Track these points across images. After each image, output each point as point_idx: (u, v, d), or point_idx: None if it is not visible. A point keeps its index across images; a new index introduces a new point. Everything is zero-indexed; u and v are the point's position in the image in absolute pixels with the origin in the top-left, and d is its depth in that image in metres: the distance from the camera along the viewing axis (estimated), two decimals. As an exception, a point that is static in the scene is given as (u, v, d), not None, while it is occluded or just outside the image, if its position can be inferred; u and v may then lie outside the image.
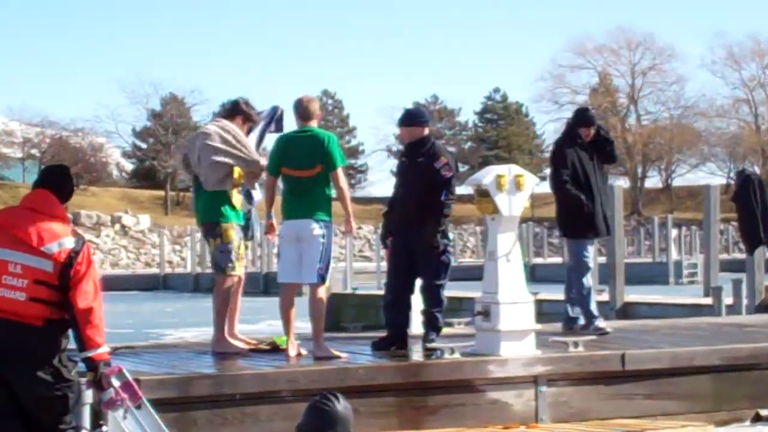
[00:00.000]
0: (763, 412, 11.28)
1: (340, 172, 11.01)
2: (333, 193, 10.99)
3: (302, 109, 11.16)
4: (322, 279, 10.92)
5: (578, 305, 13.30)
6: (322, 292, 11.05)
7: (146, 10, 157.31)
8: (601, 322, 13.06)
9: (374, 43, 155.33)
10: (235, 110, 11.79)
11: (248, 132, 11.77)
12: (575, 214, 13.12)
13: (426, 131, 11.93)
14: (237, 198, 11.41)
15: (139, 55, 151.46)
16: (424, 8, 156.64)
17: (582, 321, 13.16)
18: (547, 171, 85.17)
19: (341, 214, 11.18)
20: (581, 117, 13.63)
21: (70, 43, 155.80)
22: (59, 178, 8.11)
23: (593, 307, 13.21)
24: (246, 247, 11.93)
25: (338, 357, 10.69)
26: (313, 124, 11.19)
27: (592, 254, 13.44)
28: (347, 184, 11.34)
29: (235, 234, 11.29)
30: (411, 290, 11.89)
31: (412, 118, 12.24)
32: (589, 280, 13.32)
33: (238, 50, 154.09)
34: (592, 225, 13.07)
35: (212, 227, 11.37)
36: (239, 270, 11.45)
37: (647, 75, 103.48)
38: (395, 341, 11.70)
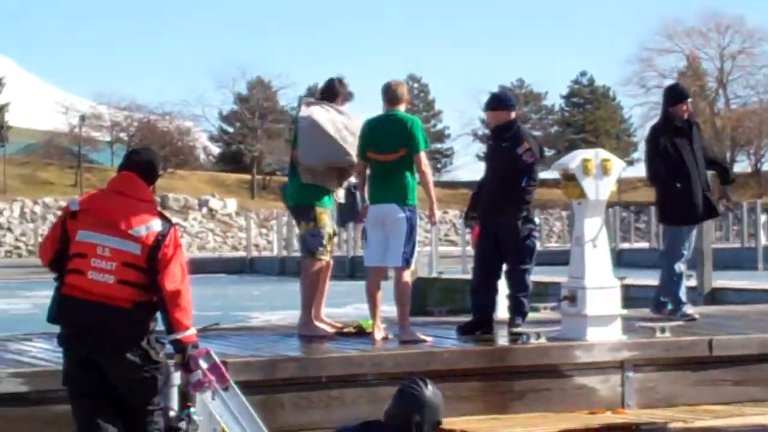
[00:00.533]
0: None
1: (423, 155, 11.01)
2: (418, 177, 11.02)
3: (390, 94, 11.20)
4: (407, 263, 10.94)
5: (668, 291, 13.20)
6: (407, 276, 11.09)
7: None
8: (689, 308, 12.96)
9: (460, 26, 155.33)
10: (334, 91, 11.84)
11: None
12: (671, 201, 13.03)
13: (512, 115, 11.88)
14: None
15: (227, 39, 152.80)
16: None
17: (671, 306, 13.06)
18: (635, 155, 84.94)
19: (426, 198, 11.20)
20: (672, 94, 13.50)
21: (159, 28, 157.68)
22: (146, 160, 8.14)
23: (682, 293, 13.10)
24: (335, 233, 11.96)
25: (424, 341, 10.71)
26: (401, 108, 11.22)
27: (690, 241, 13.26)
28: (430, 169, 11.34)
29: (328, 219, 11.35)
30: (497, 275, 11.87)
31: (498, 102, 12.24)
32: (680, 266, 13.20)
33: (324, 34, 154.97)
34: (689, 211, 12.93)
35: (306, 211, 11.43)
36: (328, 255, 11.51)
37: (737, 59, 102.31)
38: (481, 325, 11.69)
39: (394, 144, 10.93)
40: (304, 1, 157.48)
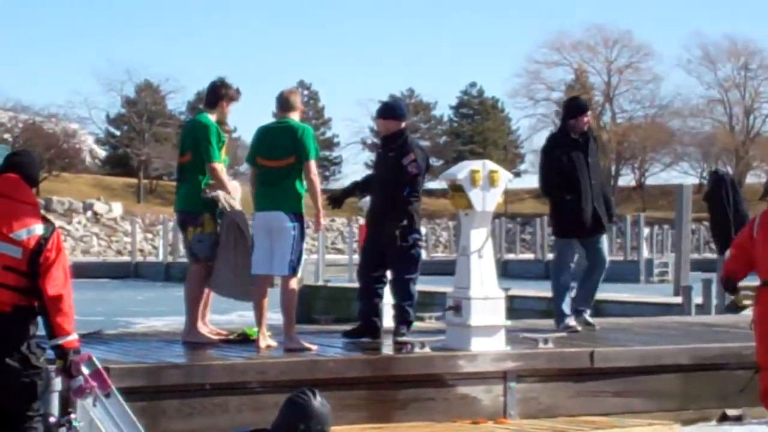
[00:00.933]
0: (730, 412, 11.34)
1: (312, 164, 11.00)
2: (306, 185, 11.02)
3: (282, 101, 11.22)
4: (294, 271, 10.93)
5: (553, 302, 13.33)
6: (294, 284, 11.09)
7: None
8: (571, 321, 13.06)
9: (351, 35, 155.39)
10: (218, 95, 11.70)
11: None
12: (560, 213, 13.14)
13: (402, 125, 11.91)
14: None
15: (114, 42, 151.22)
16: (402, 1, 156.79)
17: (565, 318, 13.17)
18: (522, 167, 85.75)
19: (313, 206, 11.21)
20: (573, 106, 13.61)
21: (44, 28, 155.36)
22: (28, 162, 8.05)
23: (565, 305, 13.22)
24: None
25: (308, 349, 10.70)
26: (293, 116, 11.21)
27: (577, 254, 13.35)
28: (318, 178, 11.33)
29: (214, 224, 11.28)
30: (381, 282, 11.90)
31: (388, 111, 12.26)
32: (566, 279, 13.32)
33: (213, 39, 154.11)
34: (575, 224, 13.05)
35: (193, 216, 11.36)
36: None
37: (624, 73, 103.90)
38: (366, 332, 11.74)
39: (284, 151, 10.91)
40: (192, 6, 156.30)
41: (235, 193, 11.47)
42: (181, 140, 11.99)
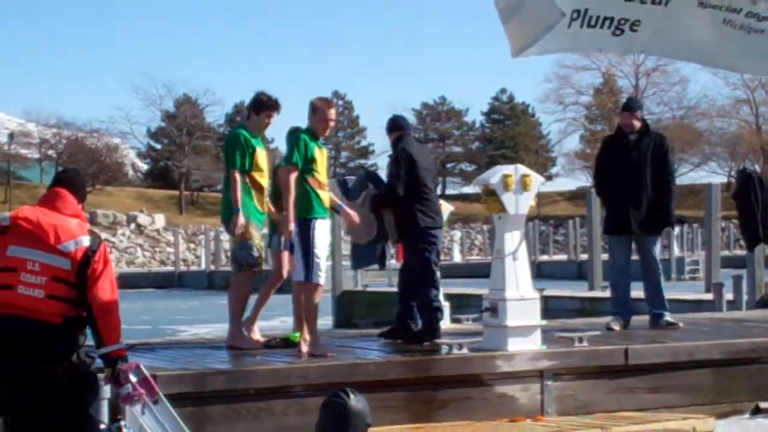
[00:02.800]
0: (763, 405, 11.31)
1: (283, 170, 11.05)
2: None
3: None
4: (307, 278, 10.85)
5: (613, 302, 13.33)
6: (309, 290, 10.97)
7: (160, 11, 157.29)
8: (614, 323, 12.95)
9: (383, 44, 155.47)
10: (254, 107, 11.66)
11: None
12: (607, 213, 13.15)
13: (392, 137, 12.03)
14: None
15: (154, 58, 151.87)
16: (433, 9, 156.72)
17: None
18: (553, 170, 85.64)
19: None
20: (624, 107, 13.54)
21: (87, 45, 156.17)
22: (75, 178, 8.15)
23: (613, 304, 13.28)
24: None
25: (325, 356, 10.62)
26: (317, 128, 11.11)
27: (626, 252, 13.24)
28: (291, 184, 10.99)
29: (255, 231, 11.30)
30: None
31: (387, 126, 12.30)
32: (614, 277, 13.32)
33: (250, 52, 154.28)
34: (615, 223, 13.04)
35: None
36: (262, 265, 11.49)
37: (651, 76, 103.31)
38: (399, 333, 11.90)
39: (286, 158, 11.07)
40: (228, 20, 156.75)
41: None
42: (226, 153, 11.92)
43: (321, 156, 10.88)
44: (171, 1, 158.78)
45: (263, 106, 11.56)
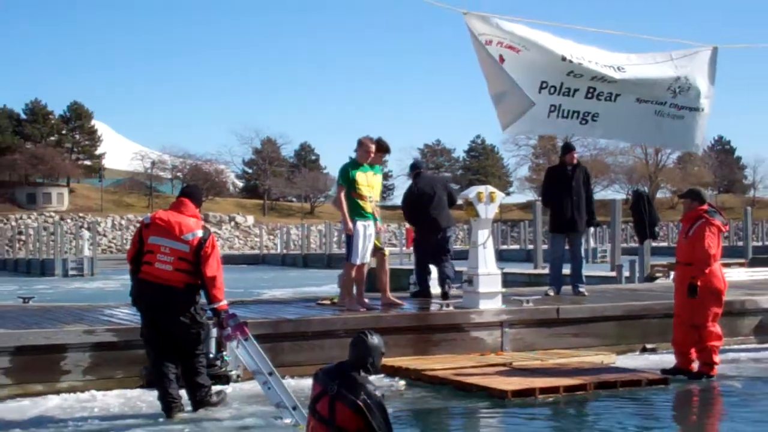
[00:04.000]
0: (648, 345, 11.27)
1: (336, 189, 10.87)
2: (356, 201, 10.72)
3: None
4: (348, 259, 10.74)
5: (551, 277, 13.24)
6: (348, 268, 10.82)
7: (255, 75, 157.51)
8: (550, 290, 12.92)
9: (404, 101, 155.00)
10: (385, 147, 11.09)
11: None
12: (550, 218, 13.07)
13: (413, 173, 12.25)
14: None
15: (247, 110, 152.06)
16: (432, 73, 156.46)
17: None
18: (510, 189, 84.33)
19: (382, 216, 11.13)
20: (564, 146, 13.40)
21: (204, 98, 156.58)
22: (195, 191, 8.20)
23: (550, 279, 13.23)
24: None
25: (358, 311, 10.51)
26: (354, 154, 10.89)
27: (561, 244, 13.14)
28: (340, 198, 10.70)
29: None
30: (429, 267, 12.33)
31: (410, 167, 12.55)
32: (553, 261, 13.25)
33: (309, 105, 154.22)
34: (556, 224, 12.94)
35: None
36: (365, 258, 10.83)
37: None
38: (423, 294, 12.13)
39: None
40: (294, 84, 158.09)
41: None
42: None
43: (364, 177, 10.66)
44: (258, 74, 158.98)
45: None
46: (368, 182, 10.72)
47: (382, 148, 11.10)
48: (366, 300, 11.00)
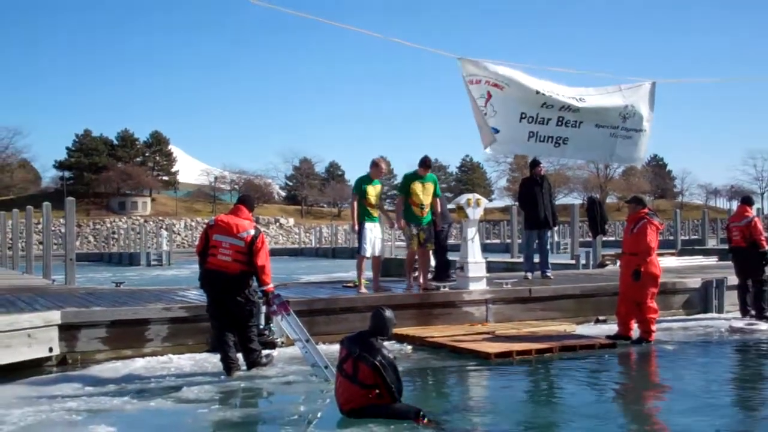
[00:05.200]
0: (600, 318, 11.20)
1: (353, 196, 10.51)
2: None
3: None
4: (359, 252, 10.49)
5: (528, 266, 13.16)
6: (360, 260, 10.68)
7: (297, 104, 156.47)
8: (528, 274, 12.86)
9: (407, 127, 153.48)
10: (429, 163, 10.68)
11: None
12: (526, 218, 12.99)
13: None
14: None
15: (289, 133, 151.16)
16: (433, 105, 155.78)
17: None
18: (493, 197, 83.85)
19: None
20: (532, 162, 13.33)
21: (254, 125, 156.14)
22: (249, 199, 8.18)
23: (525, 267, 13.13)
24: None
25: (377, 291, 10.40)
26: (372, 174, 10.61)
27: (533, 239, 13.07)
28: (353, 204, 10.42)
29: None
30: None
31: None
32: (528, 251, 13.13)
33: (338, 130, 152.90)
34: (534, 223, 12.82)
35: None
36: (414, 244, 10.58)
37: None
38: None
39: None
40: (328, 109, 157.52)
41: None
42: (404, 187, 10.75)
43: (373, 189, 10.57)
44: (298, 103, 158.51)
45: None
46: (376, 193, 10.57)
47: (427, 164, 10.74)
48: (381, 285, 10.94)
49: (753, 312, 11.49)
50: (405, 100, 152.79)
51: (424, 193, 10.63)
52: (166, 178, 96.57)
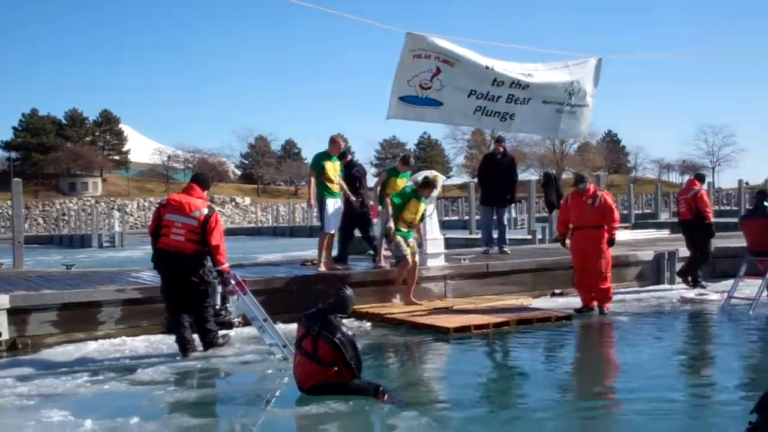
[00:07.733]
0: (556, 291, 11.38)
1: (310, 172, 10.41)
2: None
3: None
4: (322, 229, 10.49)
5: (486, 239, 13.24)
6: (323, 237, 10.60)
7: (250, 81, 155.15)
8: (488, 250, 13.00)
9: (370, 104, 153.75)
10: (408, 161, 10.99)
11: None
12: (482, 194, 13.08)
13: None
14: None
15: (243, 111, 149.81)
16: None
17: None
18: (450, 174, 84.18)
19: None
20: (494, 139, 13.40)
21: (208, 102, 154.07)
22: (202, 177, 8.06)
23: (483, 242, 13.24)
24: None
25: (335, 269, 10.33)
26: (331, 151, 10.50)
27: (490, 215, 13.14)
28: (310, 180, 10.36)
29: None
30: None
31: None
32: (486, 226, 13.20)
33: (293, 107, 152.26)
34: (490, 200, 12.92)
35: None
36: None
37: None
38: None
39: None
40: (282, 85, 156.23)
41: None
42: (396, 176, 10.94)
43: (332, 165, 10.42)
44: (253, 80, 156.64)
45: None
46: (335, 169, 10.48)
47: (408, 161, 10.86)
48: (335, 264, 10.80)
49: (689, 277, 11.88)
50: (359, 77, 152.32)
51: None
52: (117, 157, 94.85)
